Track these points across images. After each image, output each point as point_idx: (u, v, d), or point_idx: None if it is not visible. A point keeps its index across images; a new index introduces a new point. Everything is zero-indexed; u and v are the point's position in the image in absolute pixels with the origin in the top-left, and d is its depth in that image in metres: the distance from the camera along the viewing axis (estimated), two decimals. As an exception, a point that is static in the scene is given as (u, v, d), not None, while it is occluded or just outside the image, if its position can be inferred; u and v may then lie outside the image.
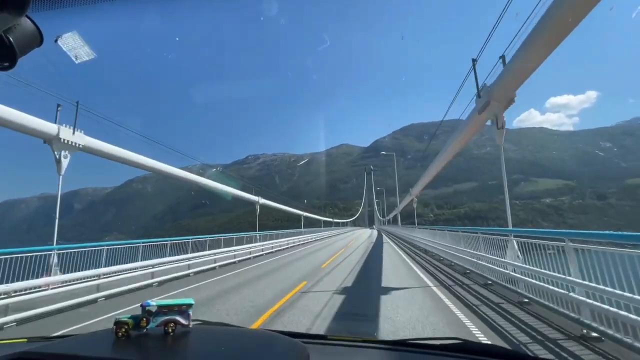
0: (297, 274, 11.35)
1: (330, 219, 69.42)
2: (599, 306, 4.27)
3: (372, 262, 14.75)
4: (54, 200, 10.11)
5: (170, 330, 1.03)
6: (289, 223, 52.33)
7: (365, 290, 8.83)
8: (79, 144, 10.31)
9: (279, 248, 22.35)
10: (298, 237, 29.49)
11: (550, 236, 6.04)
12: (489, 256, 8.47)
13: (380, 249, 21.93)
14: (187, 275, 11.88)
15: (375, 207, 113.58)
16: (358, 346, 1.32)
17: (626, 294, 3.81)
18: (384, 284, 9.24)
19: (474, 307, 6.42)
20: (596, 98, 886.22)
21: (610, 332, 4.12)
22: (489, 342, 4.40)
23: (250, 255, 17.22)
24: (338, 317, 5.87)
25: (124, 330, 0.99)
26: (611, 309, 4.07)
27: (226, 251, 14.92)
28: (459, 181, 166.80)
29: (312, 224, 49.40)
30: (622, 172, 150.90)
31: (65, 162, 9.81)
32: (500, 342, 4.45)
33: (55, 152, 9.81)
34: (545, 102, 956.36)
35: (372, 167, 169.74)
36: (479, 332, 4.93)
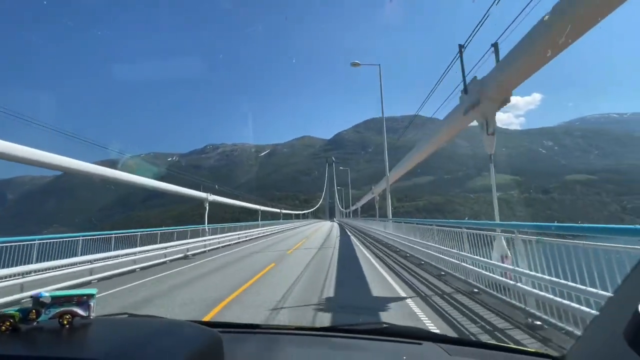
0: None
1: (277, 210, 51.59)
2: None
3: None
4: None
5: (65, 322, 0.93)
6: (247, 215, 48.35)
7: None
8: None
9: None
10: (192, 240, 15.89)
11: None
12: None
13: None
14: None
15: (337, 198, 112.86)
16: (288, 334, 1.33)
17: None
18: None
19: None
20: (540, 100, 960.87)
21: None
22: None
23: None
24: None
25: (8, 323, 0.87)
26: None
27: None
28: (417, 175, 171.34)
29: (277, 216, 45.84)
30: (562, 169, 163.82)
31: None
32: None
33: None
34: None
35: (334, 159, 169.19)
36: None
